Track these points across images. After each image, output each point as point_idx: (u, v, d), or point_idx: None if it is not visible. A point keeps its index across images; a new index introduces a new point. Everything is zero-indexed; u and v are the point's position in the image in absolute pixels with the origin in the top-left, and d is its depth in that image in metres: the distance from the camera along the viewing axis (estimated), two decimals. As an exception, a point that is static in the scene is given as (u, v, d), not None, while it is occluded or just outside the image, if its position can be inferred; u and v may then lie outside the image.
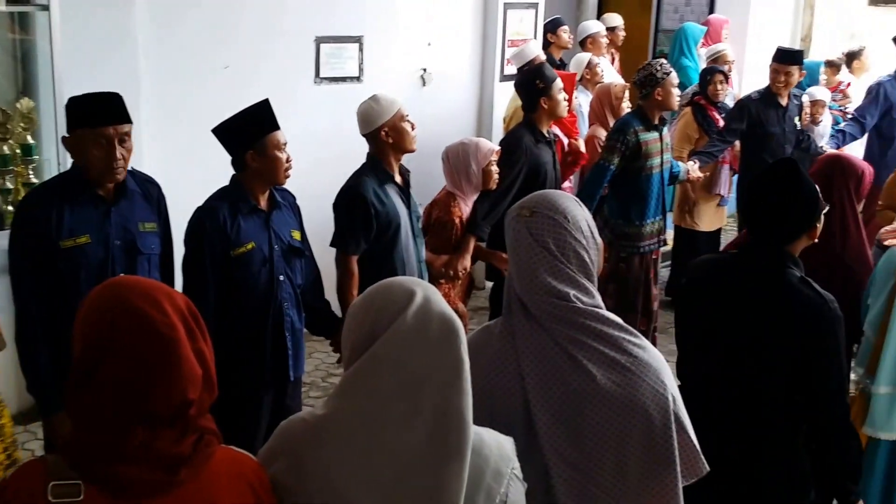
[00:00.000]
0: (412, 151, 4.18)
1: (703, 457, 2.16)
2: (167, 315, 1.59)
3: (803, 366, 2.67)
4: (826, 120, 7.46)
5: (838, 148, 7.14)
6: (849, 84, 8.43)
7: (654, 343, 5.64)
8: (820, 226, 2.81)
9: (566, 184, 6.08)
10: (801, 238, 2.78)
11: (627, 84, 6.38)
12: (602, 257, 2.19)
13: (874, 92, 7.24)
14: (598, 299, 2.12)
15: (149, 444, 1.56)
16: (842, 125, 7.50)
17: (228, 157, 3.57)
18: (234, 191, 3.55)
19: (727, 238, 8.10)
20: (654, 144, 5.37)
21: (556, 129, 5.80)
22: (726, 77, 7.01)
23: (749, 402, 2.74)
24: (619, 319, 2.12)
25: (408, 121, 4.12)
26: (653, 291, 5.65)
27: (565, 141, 6.06)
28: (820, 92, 7.40)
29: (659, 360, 2.12)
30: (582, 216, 2.14)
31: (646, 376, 2.06)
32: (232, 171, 3.59)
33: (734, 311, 2.75)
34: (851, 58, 8.63)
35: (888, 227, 4.43)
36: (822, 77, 8.03)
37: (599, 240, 2.18)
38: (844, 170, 3.75)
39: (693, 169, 6.03)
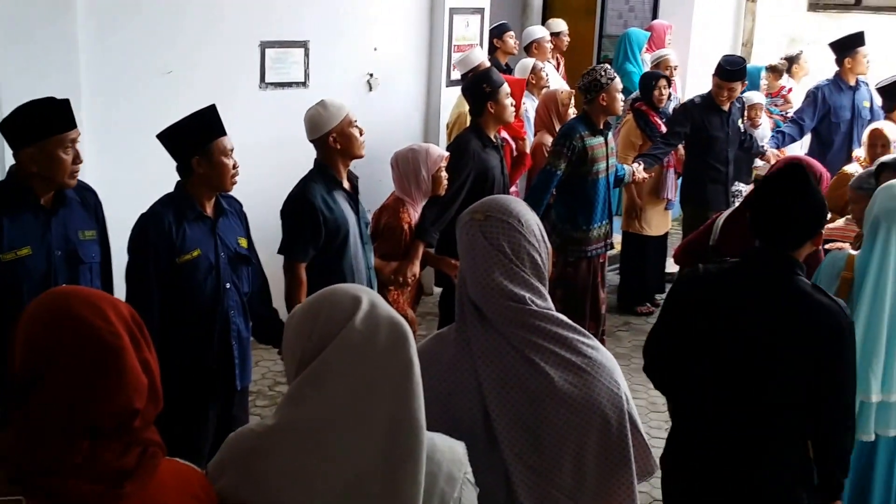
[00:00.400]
0: (360, 157, 4.17)
1: (653, 455, 2.18)
2: (111, 323, 1.56)
3: (818, 372, 2.66)
4: (765, 123, 7.60)
5: (778, 148, 7.29)
6: (790, 89, 8.58)
7: (603, 342, 5.69)
8: (824, 232, 2.81)
9: (512, 188, 6.11)
10: (807, 244, 2.76)
11: (573, 90, 6.43)
12: (551, 261, 2.20)
13: (812, 95, 7.39)
14: (550, 302, 2.14)
15: (93, 458, 1.52)
16: (782, 127, 7.64)
17: (173, 164, 3.52)
18: (180, 197, 3.50)
19: (672, 242, 8.21)
20: (599, 149, 5.42)
21: (504, 133, 5.83)
22: (668, 82, 7.10)
23: (758, 408, 2.73)
24: (570, 321, 2.14)
25: (356, 126, 4.10)
26: (600, 295, 5.69)
27: (514, 145, 6.09)
28: (756, 96, 7.54)
29: (611, 361, 2.15)
30: (534, 220, 2.16)
31: (601, 377, 2.08)
32: (177, 178, 3.54)
33: (745, 320, 2.72)
34: (790, 62, 8.81)
35: (829, 225, 4.52)
36: (763, 82, 8.17)
37: (549, 244, 2.19)
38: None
39: (638, 171, 6.09)
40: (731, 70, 6.47)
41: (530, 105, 6.85)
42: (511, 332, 2.06)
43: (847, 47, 7.30)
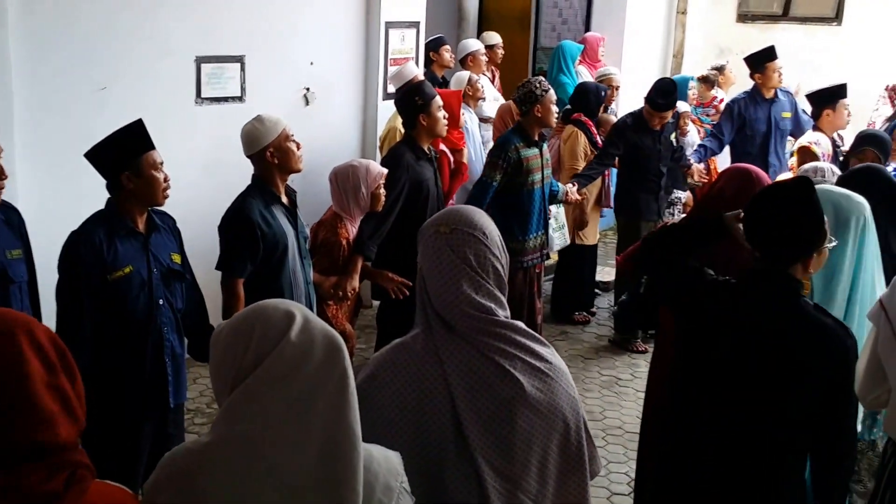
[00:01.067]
0: (298, 171, 4.17)
1: (599, 456, 2.26)
2: (19, 350, 1.54)
3: (825, 394, 2.63)
4: (692, 131, 7.77)
5: (700, 161, 7.44)
6: (721, 100, 8.75)
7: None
8: (818, 255, 2.72)
9: (451, 200, 6.16)
10: (799, 264, 2.69)
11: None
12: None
13: (729, 109, 7.56)
14: (509, 311, 2.19)
15: (13, 487, 1.50)
16: (704, 141, 7.77)
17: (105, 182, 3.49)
18: (111, 214, 3.46)
19: (608, 251, 8.34)
20: (534, 160, 5.49)
21: (443, 145, 5.88)
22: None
23: (760, 429, 2.69)
24: (528, 329, 2.20)
25: (293, 140, 4.09)
26: (536, 305, 5.76)
27: (451, 157, 6.14)
28: (682, 105, 7.68)
29: (565, 365, 2.23)
30: (496, 232, 2.21)
31: (561, 381, 2.16)
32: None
33: (752, 341, 2.68)
34: (718, 72, 9.00)
35: None
36: (692, 92, 8.33)
37: (507, 253, 2.23)
38: (752, 182, 3.85)
39: (572, 191, 6.18)
40: (663, 103, 6.58)
41: (468, 117, 6.91)
42: (480, 341, 2.10)
43: (756, 63, 7.45)
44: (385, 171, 4.78)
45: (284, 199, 4.13)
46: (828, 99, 6.48)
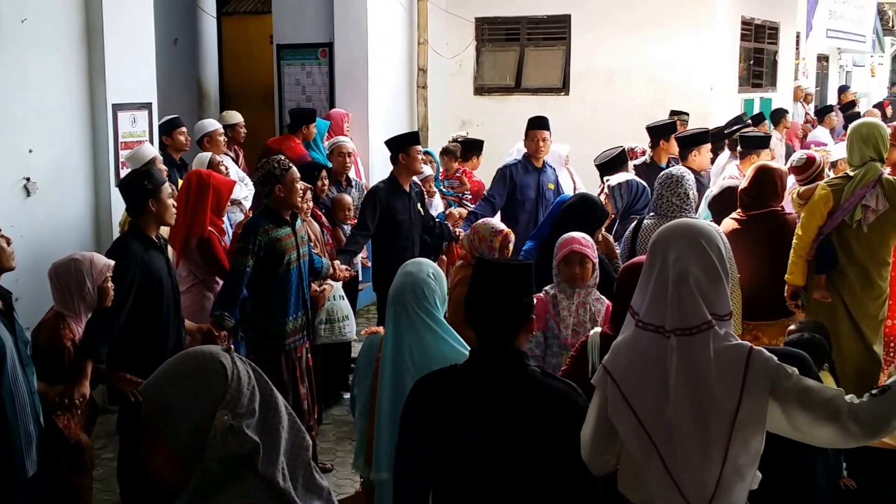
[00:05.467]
0: (11, 269, 3.87)
1: None
2: None
3: (567, 456, 2.69)
4: (437, 197, 7.85)
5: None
6: (465, 171, 8.93)
7: (313, 438, 5.52)
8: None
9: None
10: (522, 333, 2.79)
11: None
12: None
13: (501, 173, 7.61)
14: None
15: None
16: (475, 207, 7.74)
17: None
18: None
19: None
20: (287, 240, 5.26)
21: (210, 227, 5.65)
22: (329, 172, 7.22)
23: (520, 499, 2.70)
24: None
25: (2, 237, 3.80)
26: (301, 391, 5.47)
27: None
28: (427, 169, 7.75)
29: None
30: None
31: None
32: None
33: (487, 420, 2.70)
34: (458, 145, 9.17)
35: None
36: (427, 167, 8.43)
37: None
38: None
39: (340, 268, 6.07)
40: (413, 133, 6.69)
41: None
42: None
43: (526, 129, 7.67)
44: (111, 262, 4.39)
45: (-2, 303, 3.74)
46: (693, 141, 7.43)
